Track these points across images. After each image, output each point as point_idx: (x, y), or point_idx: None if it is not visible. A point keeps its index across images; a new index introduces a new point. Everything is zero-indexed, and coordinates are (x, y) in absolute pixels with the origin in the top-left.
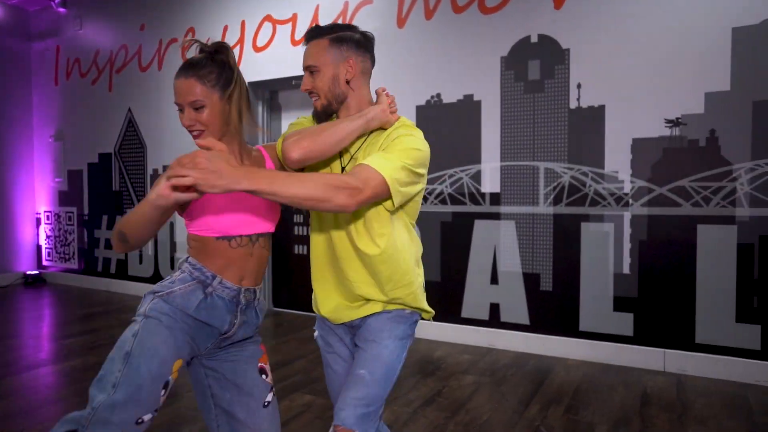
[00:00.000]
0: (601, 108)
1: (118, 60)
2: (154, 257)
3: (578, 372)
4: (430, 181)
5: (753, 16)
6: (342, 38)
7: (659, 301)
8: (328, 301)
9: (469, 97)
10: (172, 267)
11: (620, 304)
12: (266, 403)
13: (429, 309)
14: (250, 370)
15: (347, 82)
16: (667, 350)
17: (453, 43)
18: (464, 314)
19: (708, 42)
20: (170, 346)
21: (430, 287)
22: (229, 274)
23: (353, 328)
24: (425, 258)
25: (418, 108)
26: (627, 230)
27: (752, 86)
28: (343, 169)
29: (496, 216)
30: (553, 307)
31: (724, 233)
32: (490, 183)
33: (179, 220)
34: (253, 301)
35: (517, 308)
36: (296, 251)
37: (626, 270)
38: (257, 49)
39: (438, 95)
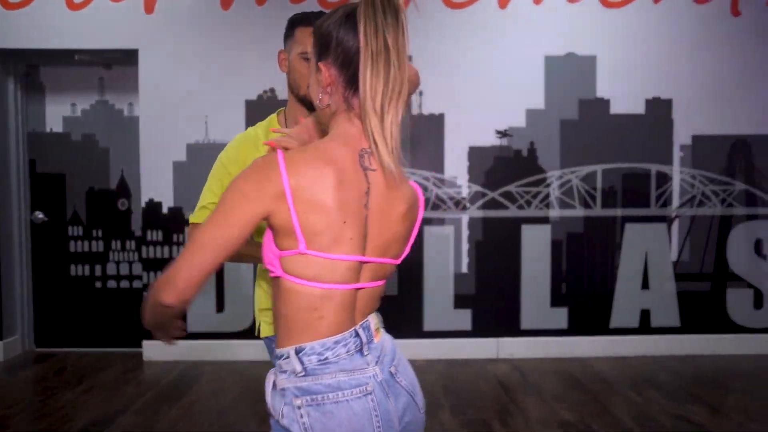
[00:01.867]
0: (441, 116)
1: None
2: None
3: (432, 371)
4: None
5: (560, 49)
6: None
7: (492, 295)
8: None
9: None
10: None
11: (460, 301)
12: None
13: None
14: None
15: None
16: (499, 339)
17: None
18: None
19: (527, 65)
20: None
21: None
22: None
23: None
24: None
25: (248, 103)
26: (465, 232)
27: (560, 107)
28: None
29: None
30: (398, 310)
31: (541, 232)
32: None
33: None
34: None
35: None
36: (74, 272)
37: (465, 269)
38: (9, 6)
39: (272, 90)
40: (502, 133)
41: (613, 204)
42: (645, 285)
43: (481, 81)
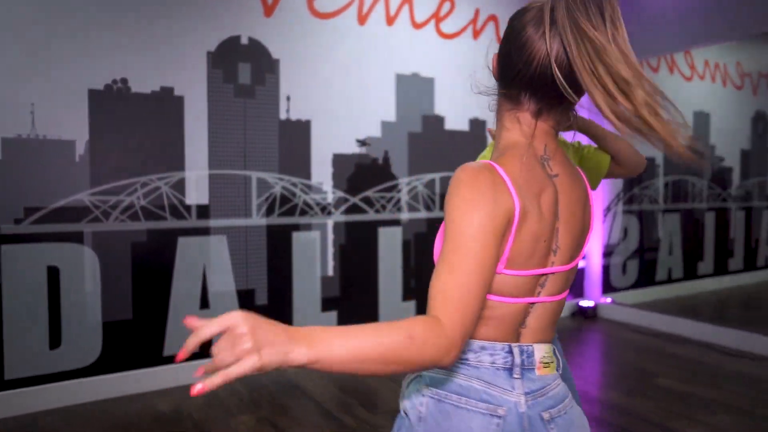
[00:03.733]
0: (308, 122)
1: None
2: None
3: (316, 376)
4: (114, 192)
5: (408, 68)
6: None
7: (355, 295)
8: None
9: (168, 91)
10: None
11: (326, 304)
12: None
13: None
14: None
15: None
16: None
17: (146, 17)
18: (168, 352)
19: (382, 80)
20: None
21: (119, 328)
22: None
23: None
24: (109, 293)
25: (93, 93)
26: (330, 236)
27: (408, 120)
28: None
29: (204, 231)
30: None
31: (394, 233)
32: (197, 193)
33: None
34: None
35: None
36: None
37: (330, 272)
38: None
39: (124, 81)
40: (362, 142)
41: None
42: None
43: (344, 91)
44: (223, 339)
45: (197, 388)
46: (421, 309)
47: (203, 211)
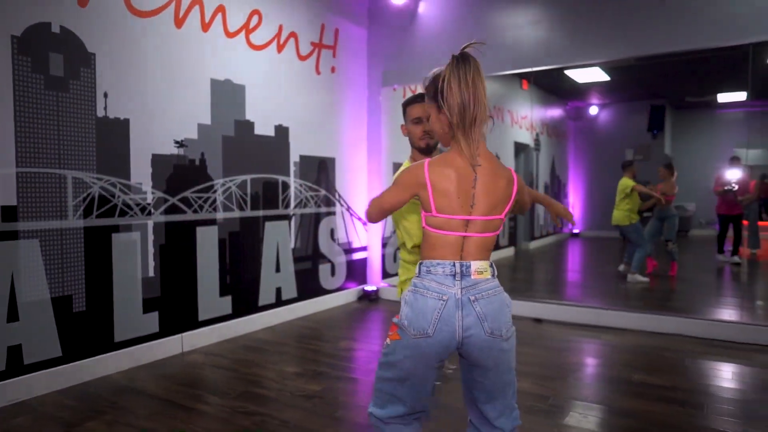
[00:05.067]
0: (126, 121)
1: None
2: None
3: (138, 378)
4: None
5: (222, 74)
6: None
7: (175, 294)
8: None
9: None
10: None
11: (148, 305)
12: None
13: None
14: None
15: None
16: (183, 334)
17: None
18: None
19: (198, 83)
20: None
21: None
22: None
23: None
24: None
25: None
26: (150, 237)
27: (222, 124)
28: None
29: (12, 235)
30: (88, 327)
31: (211, 232)
32: (2, 194)
33: None
34: None
35: (45, 343)
36: None
37: (151, 273)
38: None
39: None
40: (180, 143)
41: (258, 206)
42: (278, 269)
43: (163, 91)
44: None
45: None
46: (237, 304)
47: (10, 214)
